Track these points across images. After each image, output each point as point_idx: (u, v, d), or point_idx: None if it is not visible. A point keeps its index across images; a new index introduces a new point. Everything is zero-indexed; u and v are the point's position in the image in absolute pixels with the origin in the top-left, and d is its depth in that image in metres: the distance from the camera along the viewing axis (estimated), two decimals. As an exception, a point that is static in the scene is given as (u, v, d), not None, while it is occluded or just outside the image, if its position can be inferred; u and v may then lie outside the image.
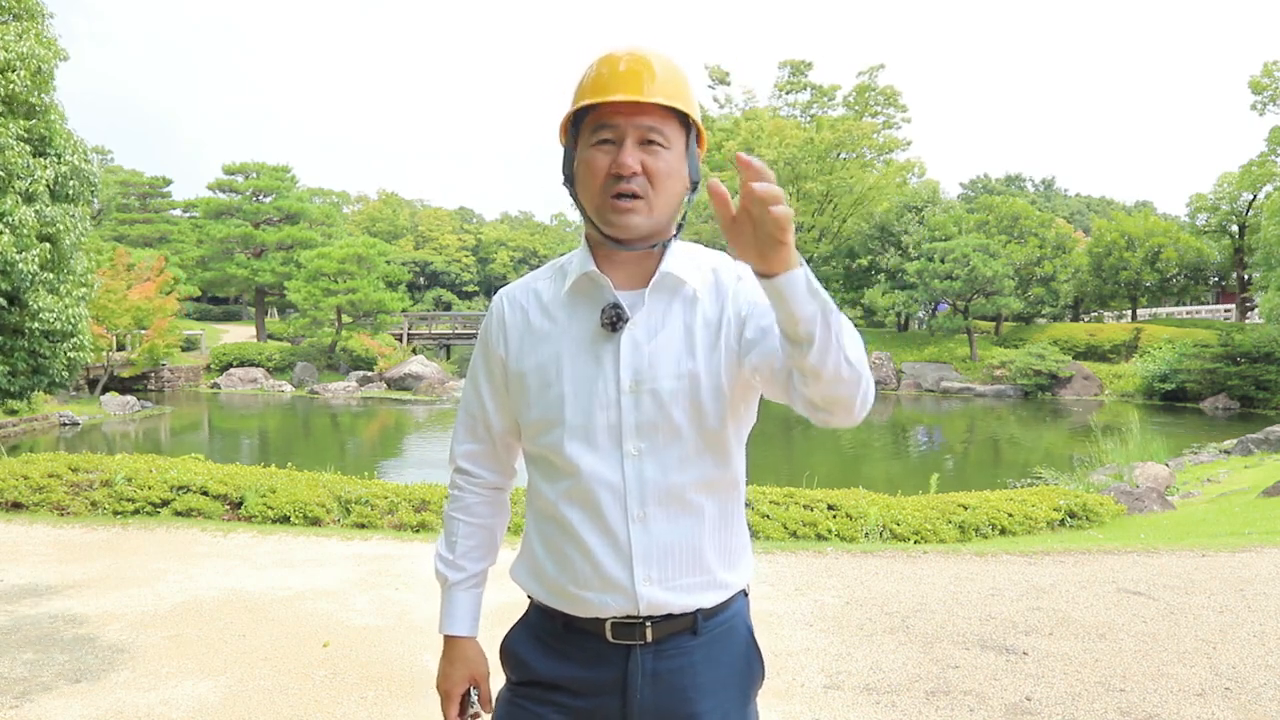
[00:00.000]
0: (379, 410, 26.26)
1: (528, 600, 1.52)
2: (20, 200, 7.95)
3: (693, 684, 1.40)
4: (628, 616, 1.38)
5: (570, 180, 1.42)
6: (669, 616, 1.39)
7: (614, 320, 1.37)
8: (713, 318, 1.39)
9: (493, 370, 1.48)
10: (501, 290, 1.50)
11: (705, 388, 1.37)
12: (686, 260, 1.41)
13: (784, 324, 1.19)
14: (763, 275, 1.16)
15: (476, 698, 1.53)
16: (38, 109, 8.47)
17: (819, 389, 1.22)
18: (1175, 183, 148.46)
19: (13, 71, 7.98)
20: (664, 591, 1.38)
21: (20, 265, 7.74)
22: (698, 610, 1.41)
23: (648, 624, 1.38)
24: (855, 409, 1.26)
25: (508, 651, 1.51)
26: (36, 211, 8.08)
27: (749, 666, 1.47)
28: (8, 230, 7.68)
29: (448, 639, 1.52)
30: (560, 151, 1.45)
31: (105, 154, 52.46)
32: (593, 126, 1.36)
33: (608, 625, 1.39)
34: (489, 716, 1.53)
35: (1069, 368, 28.42)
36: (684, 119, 1.37)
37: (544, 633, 1.46)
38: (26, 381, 8.50)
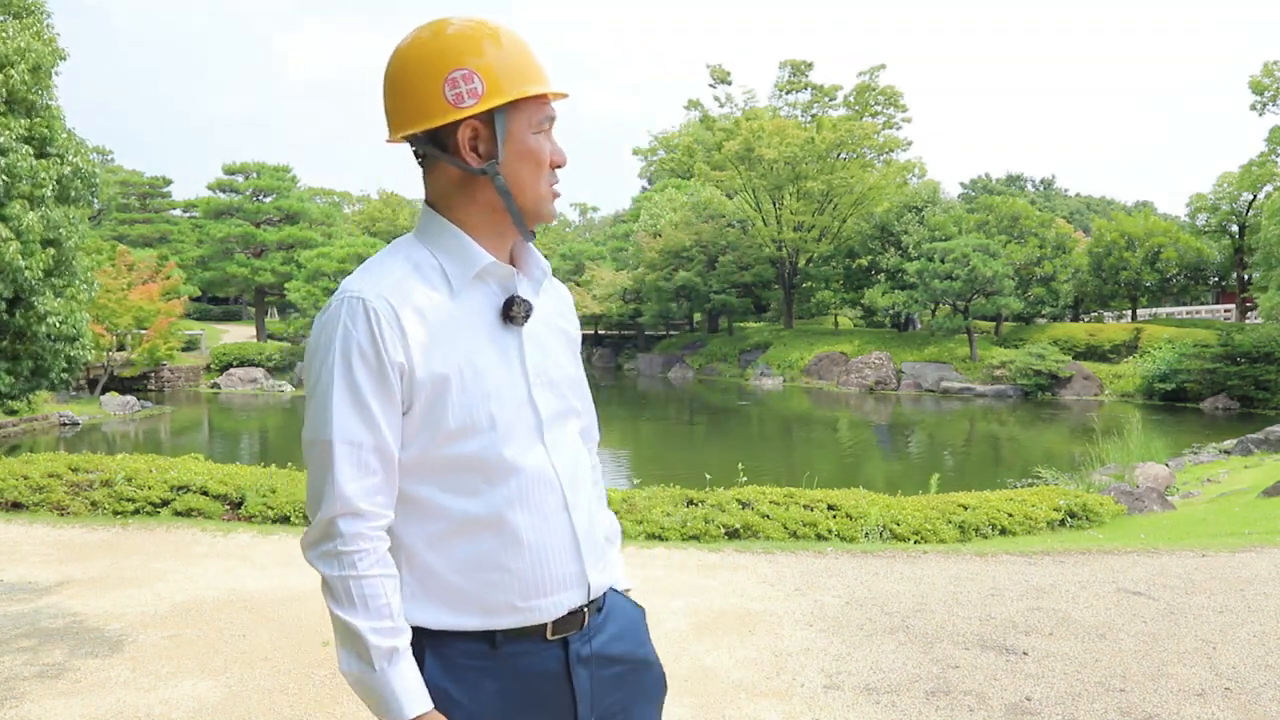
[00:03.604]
0: (379, 410, 26.22)
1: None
2: (27, 205, 7.92)
3: (629, 647, 1.43)
4: (570, 610, 1.34)
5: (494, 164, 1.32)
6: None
7: (526, 314, 1.35)
8: (563, 308, 1.49)
9: (387, 383, 1.23)
10: (363, 291, 1.25)
11: (579, 371, 1.49)
12: None
13: None
14: None
15: None
16: (37, 108, 8.44)
17: None
18: (1175, 183, 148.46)
19: (12, 67, 7.95)
20: (601, 574, 1.41)
21: (26, 271, 7.70)
22: (610, 586, 1.47)
23: (586, 609, 1.37)
24: None
25: (444, 701, 1.26)
26: (41, 216, 8.04)
27: (640, 613, 1.51)
28: (14, 237, 7.64)
29: None
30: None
31: (105, 154, 52.42)
32: (538, 114, 1.33)
33: (549, 624, 1.32)
34: None
35: (1069, 368, 28.41)
36: None
37: (464, 657, 1.29)
38: (28, 383, 8.47)
